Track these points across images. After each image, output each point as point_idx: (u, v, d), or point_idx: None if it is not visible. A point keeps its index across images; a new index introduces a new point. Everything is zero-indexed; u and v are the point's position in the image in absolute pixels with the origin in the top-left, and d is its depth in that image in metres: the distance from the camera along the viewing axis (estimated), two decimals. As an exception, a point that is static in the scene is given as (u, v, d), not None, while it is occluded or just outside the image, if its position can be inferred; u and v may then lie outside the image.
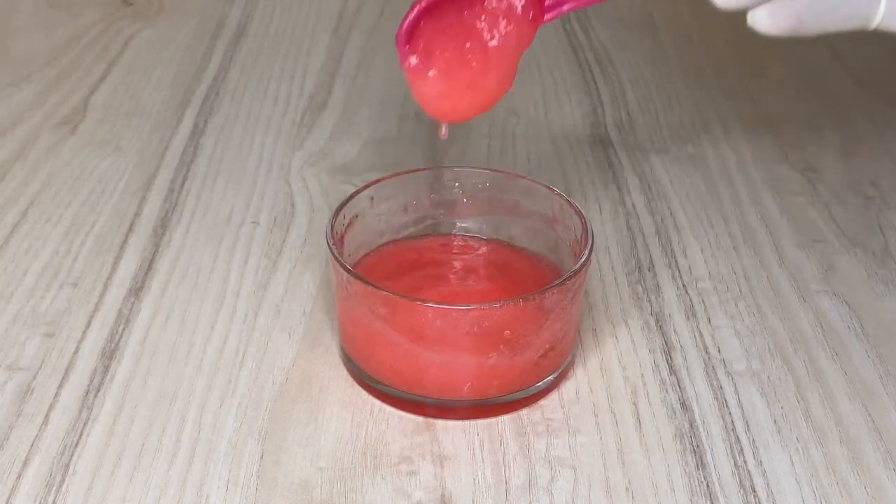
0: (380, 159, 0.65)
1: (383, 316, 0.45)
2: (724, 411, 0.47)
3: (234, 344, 0.51)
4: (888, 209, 0.60)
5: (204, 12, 0.83)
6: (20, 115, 0.69)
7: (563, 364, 0.48)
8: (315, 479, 0.44)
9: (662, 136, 0.68)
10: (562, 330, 0.47)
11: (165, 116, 0.69)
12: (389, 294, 0.45)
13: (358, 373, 0.48)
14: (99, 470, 0.44)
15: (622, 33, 0.80)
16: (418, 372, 0.46)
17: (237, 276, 0.55)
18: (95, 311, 0.52)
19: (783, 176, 0.63)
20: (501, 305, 0.45)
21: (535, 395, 0.47)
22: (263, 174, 0.63)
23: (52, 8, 0.83)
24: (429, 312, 0.45)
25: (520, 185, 0.52)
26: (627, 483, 0.44)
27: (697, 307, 0.53)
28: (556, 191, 0.51)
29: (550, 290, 0.45)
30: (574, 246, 0.49)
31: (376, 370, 0.47)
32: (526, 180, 0.52)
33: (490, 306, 0.45)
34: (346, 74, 0.74)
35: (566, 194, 0.51)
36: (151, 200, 0.61)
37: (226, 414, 0.47)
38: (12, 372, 0.49)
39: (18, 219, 0.59)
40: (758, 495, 0.43)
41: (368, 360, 0.47)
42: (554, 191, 0.51)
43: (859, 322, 0.52)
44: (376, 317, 0.45)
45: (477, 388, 0.46)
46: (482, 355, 0.45)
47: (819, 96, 0.72)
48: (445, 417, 0.47)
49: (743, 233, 0.59)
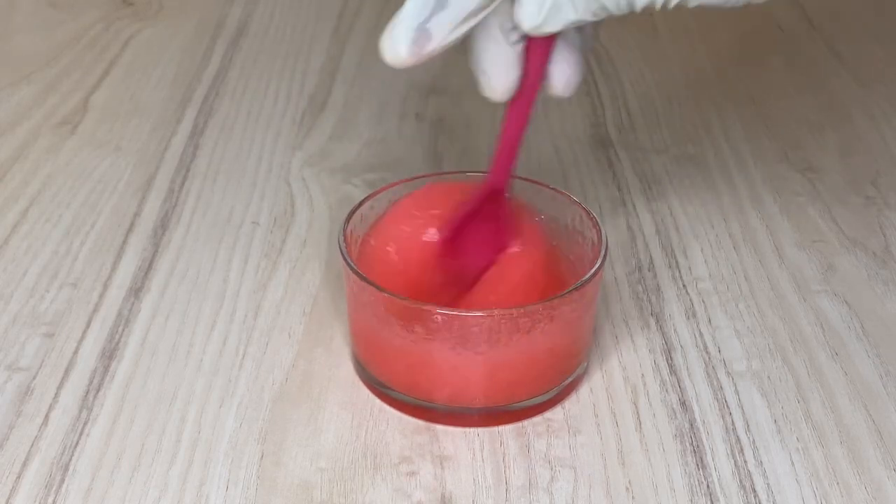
0: (380, 159, 0.65)
1: (393, 321, 0.45)
2: (725, 411, 0.47)
3: (233, 344, 0.51)
4: (888, 209, 0.60)
5: (204, 12, 0.83)
6: (20, 115, 0.69)
7: (575, 371, 0.48)
8: (315, 480, 0.44)
9: (662, 136, 0.68)
10: (574, 338, 0.47)
11: (165, 116, 0.69)
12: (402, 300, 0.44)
13: (368, 377, 0.48)
14: (99, 470, 0.44)
15: (622, 33, 0.80)
16: (428, 379, 0.46)
17: (237, 276, 0.55)
18: (95, 311, 0.52)
19: (783, 176, 0.63)
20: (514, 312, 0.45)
21: (545, 402, 0.47)
22: (263, 174, 0.63)
23: (52, 8, 0.83)
24: (439, 318, 0.44)
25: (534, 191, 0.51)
26: (627, 483, 0.44)
27: (697, 307, 0.53)
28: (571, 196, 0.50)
29: (564, 296, 0.45)
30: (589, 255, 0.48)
31: (386, 376, 0.47)
32: (541, 186, 0.51)
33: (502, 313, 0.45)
34: (346, 74, 0.74)
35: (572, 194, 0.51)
36: (151, 200, 0.61)
37: (226, 414, 0.47)
38: (12, 372, 0.49)
39: (18, 219, 0.59)
40: (758, 495, 0.43)
41: (378, 366, 0.47)
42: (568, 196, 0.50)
43: (859, 322, 0.52)
44: (386, 322, 0.45)
45: (489, 396, 0.46)
46: (492, 362, 0.45)
47: (819, 96, 0.72)
48: (454, 425, 0.46)
49: (743, 233, 0.59)
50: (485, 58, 0.43)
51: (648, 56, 0.77)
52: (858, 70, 0.75)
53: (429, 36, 0.41)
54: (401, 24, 0.41)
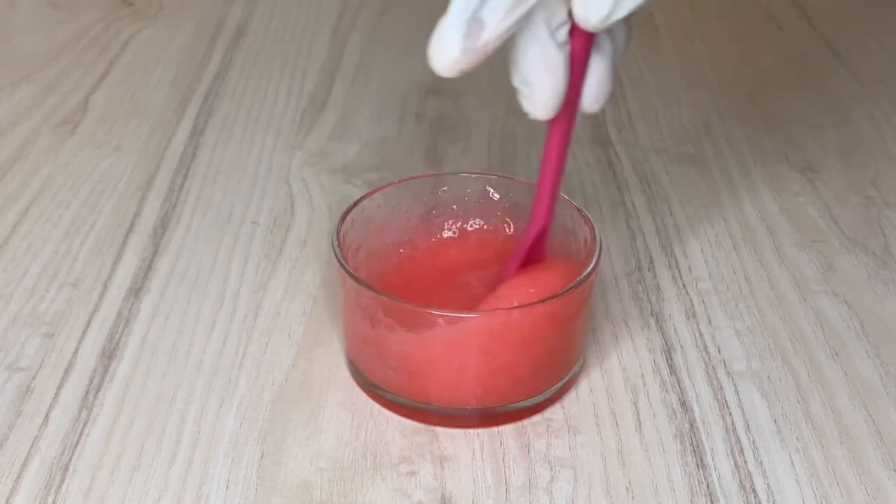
0: (380, 159, 0.65)
1: (388, 323, 0.45)
2: (725, 411, 0.47)
3: (233, 344, 0.51)
4: (888, 209, 0.61)
5: (204, 12, 0.83)
6: (20, 115, 0.69)
7: (570, 372, 0.48)
8: (315, 480, 0.44)
9: (662, 136, 0.68)
10: (570, 337, 0.47)
11: (165, 116, 0.69)
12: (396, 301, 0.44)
13: (362, 380, 0.48)
14: (99, 470, 0.44)
15: (622, 33, 0.80)
16: (424, 381, 0.46)
17: (237, 276, 0.55)
18: (95, 311, 0.52)
19: (783, 176, 0.63)
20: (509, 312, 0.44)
21: (541, 403, 0.47)
22: (263, 174, 0.63)
23: (52, 8, 0.83)
24: (435, 319, 0.44)
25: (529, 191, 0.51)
26: (627, 483, 0.44)
27: (697, 307, 0.53)
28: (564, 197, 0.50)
29: (559, 297, 0.45)
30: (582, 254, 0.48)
31: (381, 378, 0.47)
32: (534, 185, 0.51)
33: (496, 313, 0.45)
34: (346, 74, 0.74)
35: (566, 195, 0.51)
36: (151, 200, 0.61)
37: (226, 414, 0.47)
38: (12, 372, 0.49)
39: (18, 219, 0.59)
40: (758, 495, 0.43)
41: (373, 369, 0.47)
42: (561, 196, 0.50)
43: (859, 322, 0.52)
44: (381, 324, 0.45)
45: (484, 396, 0.46)
46: (489, 364, 0.45)
47: (819, 96, 0.72)
48: (450, 426, 0.46)
49: (743, 233, 0.59)
50: (528, 63, 0.40)
51: (648, 56, 0.77)
52: (858, 70, 0.75)
53: (481, 25, 0.38)
54: (450, 20, 0.38)
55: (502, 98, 0.69)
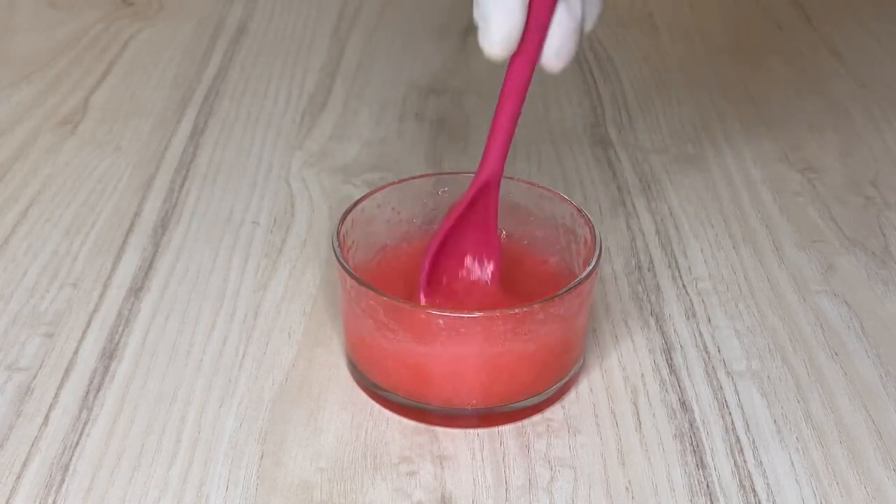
0: (380, 159, 0.65)
1: (389, 324, 0.45)
2: (724, 411, 0.47)
3: (233, 344, 0.51)
4: (888, 209, 0.61)
5: (204, 12, 0.83)
6: (20, 115, 0.69)
7: (570, 372, 0.48)
8: (315, 480, 0.44)
9: (662, 136, 0.68)
10: (570, 337, 0.47)
11: (165, 116, 0.69)
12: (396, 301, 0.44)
13: (363, 380, 0.48)
14: (99, 470, 0.44)
15: (622, 33, 0.80)
16: (424, 380, 0.46)
17: (237, 276, 0.55)
18: (95, 311, 0.52)
19: (783, 176, 0.63)
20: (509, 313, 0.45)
21: (541, 403, 0.47)
22: (263, 174, 0.63)
23: (52, 8, 0.83)
24: (435, 319, 0.44)
25: (528, 191, 0.51)
26: (627, 483, 0.44)
27: (697, 307, 0.53)
28: (565, 197, 0.50)
29: (559, 297, 0.45)
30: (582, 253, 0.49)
31: (381, 378, 0.47)
32: (536, 187, 0.51)
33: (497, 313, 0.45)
34: (346, 74, 0.74)
35: (566, 194, 0.51)
36: (151, 200, 0.61)
37: (226, 414, 0.47)
38: (12, 372, 0.49)
39: (18, 219, 0.59)
40: (758, 495, 0.43)
41: (373, 368, 0.47)
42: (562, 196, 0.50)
43: (859, 322, 0.52)
44: (382, 324, 0.45)
45: (484, 396, 0.46)
46: (489, 364, 0.45)
47: (819, 96, 0.72)
48: (450, 426, 0.46)
49: (743, 233, 0.59)
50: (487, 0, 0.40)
51: (648, 56, 0.77)
52: (858, 70, 0.75)
53: None
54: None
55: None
